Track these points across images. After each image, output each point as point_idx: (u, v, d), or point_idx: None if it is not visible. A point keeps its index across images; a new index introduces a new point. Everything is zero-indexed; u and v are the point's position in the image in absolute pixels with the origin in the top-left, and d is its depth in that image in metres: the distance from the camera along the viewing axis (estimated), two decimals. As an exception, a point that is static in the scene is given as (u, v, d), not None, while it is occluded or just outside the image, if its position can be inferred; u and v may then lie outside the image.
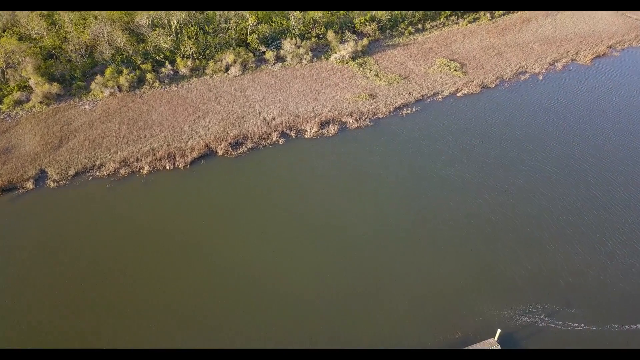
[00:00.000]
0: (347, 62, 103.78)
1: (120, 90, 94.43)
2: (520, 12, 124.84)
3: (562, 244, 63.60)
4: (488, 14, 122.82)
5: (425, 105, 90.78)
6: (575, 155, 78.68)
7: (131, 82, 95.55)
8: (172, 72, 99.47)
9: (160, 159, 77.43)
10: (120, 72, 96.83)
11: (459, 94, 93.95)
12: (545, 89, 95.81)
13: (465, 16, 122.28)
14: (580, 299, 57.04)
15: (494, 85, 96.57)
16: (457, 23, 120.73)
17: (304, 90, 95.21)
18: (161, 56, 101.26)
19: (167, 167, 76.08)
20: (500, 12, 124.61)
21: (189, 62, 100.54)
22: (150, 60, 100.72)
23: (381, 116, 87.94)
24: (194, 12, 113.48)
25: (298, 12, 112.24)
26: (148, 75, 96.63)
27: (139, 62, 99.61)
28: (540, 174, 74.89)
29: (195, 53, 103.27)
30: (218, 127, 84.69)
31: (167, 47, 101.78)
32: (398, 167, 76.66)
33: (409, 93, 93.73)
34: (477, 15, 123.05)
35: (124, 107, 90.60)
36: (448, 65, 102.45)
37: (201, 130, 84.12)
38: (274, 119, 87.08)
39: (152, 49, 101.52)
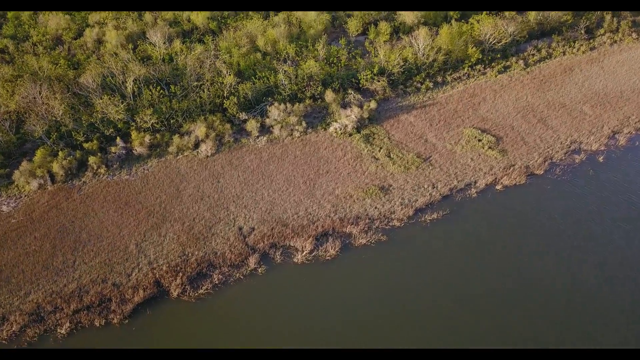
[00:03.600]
0: (351, 135, 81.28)
1: (53, 180, 71.90)
2: (559, 60, 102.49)
3: None
4: (521, 62, 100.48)
5: (456, 206, 68.10)
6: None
7: (68, 168, 73.00)
8: (124, 151, 76.73)
9: (88, 307, 54.70)
10: (55, 155, 74.35)
11: (498, 186, 71.30)
12: (611, 176, 73.07)
13: (493, 65, 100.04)
14: None
15: (542, 172, 73.87)
16: (484, 74, 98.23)
17: (295, 179, 72.68)
18: (111, 130, 78.60)
19: (97, 322, 53.27)
20: (535, 59, 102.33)
21: (147, 137, 77.96)
22: (97, 135, 78.12)
23: (397, 224, 65.28)
24: (162, 61, 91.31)
25: (289, 67, 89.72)
26: (91, 159, 73.88)
27: (81, 139, 76.96)
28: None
29: (156, 124, 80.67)
30: (176, 246, 62.01)
31: (119, 119, 79.10)
32: (427, 317, 54.05)
33: (433, 186, 71.13)
34: (508, 63, 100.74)
35: (55, 208, 67.97)
36: (479, 139, 79.95)
37: (152, 251, 61.40)
38: (254, 229, 64.50)
39: (98, 121, 78.80)
